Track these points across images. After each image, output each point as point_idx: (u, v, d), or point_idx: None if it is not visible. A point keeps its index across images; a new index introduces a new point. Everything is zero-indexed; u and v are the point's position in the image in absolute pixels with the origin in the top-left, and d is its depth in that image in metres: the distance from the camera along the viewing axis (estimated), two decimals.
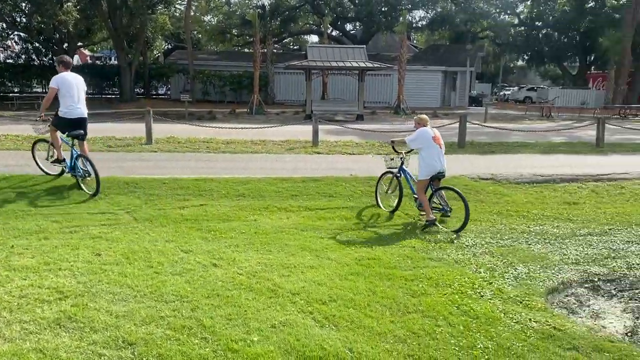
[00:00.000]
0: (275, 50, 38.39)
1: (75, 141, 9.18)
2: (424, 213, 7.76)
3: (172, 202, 8.61)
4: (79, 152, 9.10)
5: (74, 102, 9.01)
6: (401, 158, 8.38)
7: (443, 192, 7.83)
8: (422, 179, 7.73)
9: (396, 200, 8.35)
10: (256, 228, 7.28)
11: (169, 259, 5.82)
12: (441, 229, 7.48)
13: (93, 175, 8.83)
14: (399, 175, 8.37)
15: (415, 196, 7.99)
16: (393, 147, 8.51)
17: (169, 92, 40.24)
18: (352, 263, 5.97)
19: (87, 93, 9.72)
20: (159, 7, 33.91)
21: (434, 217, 7.56)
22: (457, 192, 7.65)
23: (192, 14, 37.98)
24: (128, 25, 32.99)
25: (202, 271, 5.48)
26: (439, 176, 7.72)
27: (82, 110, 9.16)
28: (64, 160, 9.32)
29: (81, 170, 9.03)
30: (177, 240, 6.56)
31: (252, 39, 34.05)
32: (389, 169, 8.62)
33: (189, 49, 34.18)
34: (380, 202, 8.73)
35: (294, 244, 6.57)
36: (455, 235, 7.21)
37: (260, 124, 19.08)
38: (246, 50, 45.87)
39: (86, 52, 58.82)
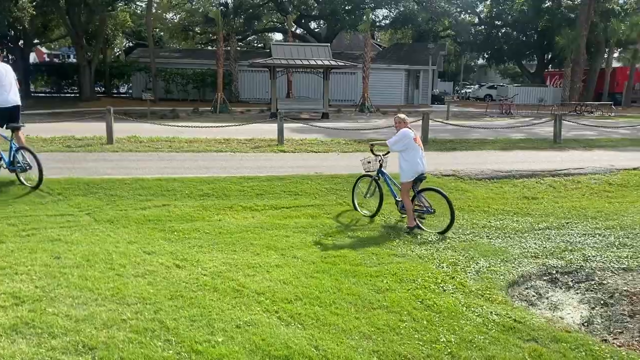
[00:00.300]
0: (239, 48, 38.10)
1: (13, 133, 8.98)
2: (406, 216, 7.58)
3: (134, 203, 8.45)
4: (17, 145, 8.91)
5: (6, 92, 8.88)
6: (379, 161, 8.05)
7: (424, 193, 7.57)
8: (405, 182, 7.44)
9: (376, 205, 8.06)
10: (220, 228, 7.22)
11: (131, 260, 5.72)
12: (427, 231, 7.32)
13: (35, 166, 8.67)
14: (377, 178, 8.11)
15: (398, 199, 7.72)
16: (372, 151, 8.14)
17: (130, 91, 39.45)
18: (317, 261, 5.99)
19: (45, 92, 9.51)
20: (119, 3, 33.19)
21: (415, 224, 7.38)
22: (441, 193, 7.42)
23: (153, 11, 37.31)
24: (87, 22, 32.17)
25: (165, 272, 5.40)
26: (421, 178, 7.46)
27: (16, 99, 9.07)
28: (1, 159, 9.09)
29: (21, 163, 8.86)
30: (140, 242, 6.46)
31: (215, 37, 33.65)
32: (366, 172, 8.31)
33: (151, 47, 33.55)
34: (358, 207, 8.41)
35: (259, 243, 6.55)
36: (441, 237, 7.08)
37: (225, 122, 18.88)
38: (209, 47, 45.37)
39: (43, 49, 57.08)
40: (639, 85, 39.99)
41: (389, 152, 8.01)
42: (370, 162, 8.20)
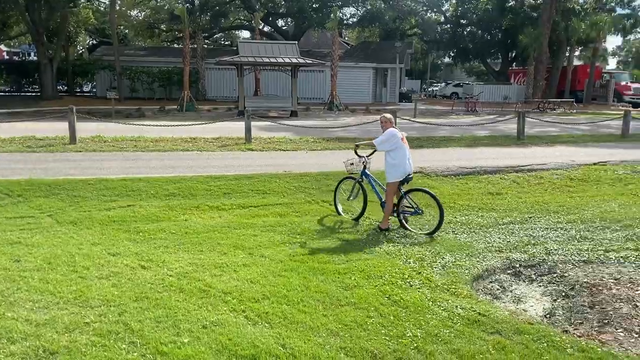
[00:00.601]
0: (205, 46, 37.65)
1: None
2: (392, 217, 7.42)
3: (98, 204, 8.29)
4: None
5: None
6: (363, 162, 7.79)
7: (411, 194, 7.38)
8: (391, 182, 7.24)
9: (360, 207, 7.78)
10: (187, 228, 7.13)
11: (94, 262, 5.61)
12: (414, 232, 7.24)
13: None
14: (361, 180, 7.85)
15: (384, 201, 7.49)
16: (355, 152, 7.84)
17: (94, 90, 38.59)
18: (286, 259, 5.97)
19: (4, 91, 9.25)
20: (81, 0, 32.36)
21: (388, 227, 7.29)
22: (429, 193, 7.32)
23: (117, 8, 36.55)
24: (47, 19, 31.30)
25: (130, 274, 5.31)
26: (408, 179, 7.27)
27: None
28: None
29: None
30: (104, 243, 6.34)
31: (181, 34, 33.19)
32: (350, 174, 8.07)
33: (115, 45, 32.84)
34: (340, 210, 8.13)
35: (227, 243, 6.49)
36: (429, 238, 6.97)
37: (191, 121, 18.67)
38: (176, 45, 44.74)
39: (2, 47, 55.33)
40: (599, 82, 41.15)
41: (372, 153, 7.84)
42: (353, 164, 7.94)
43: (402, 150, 7.23)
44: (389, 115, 7.56)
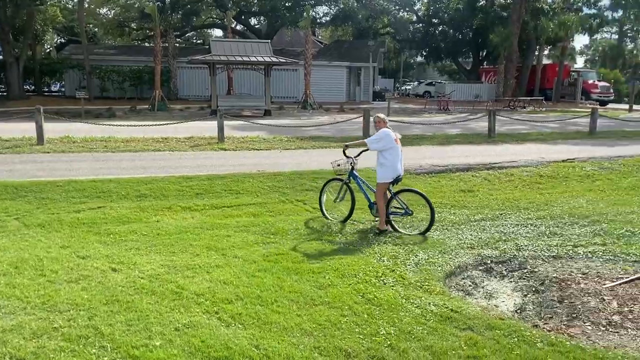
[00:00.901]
0: (177, 45, 37.24)
1: None
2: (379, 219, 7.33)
3: (67, 206, 8.12)
4: None
5: None
6: (351, 163, 7.66)
7: (401, 195, 7.31)
8: (382, 182, 7.17)
9: (347, 209, 7.67)
10: (158, 229, 7.03)
11: (63, 266, 5.49)
12: (403, 233, 7.17)
13: None
14: (348, 181, 7.75)
15: (373, 202, 7.40)
16: (344, 152, 7.68)
17: (63, 89, 37.80)
18: (259, 260, 5.94)
19: None
20: None
21: (387, 228, 7.21)
22: (420, 194, 7.32)
23: (86, 6, 35.84)
24: (13, 17, 30.54)
25: (100, 277, 5.21)
26: (398, 179, 7.21)
27: None
28: None
29: None
30: (73, 246, 6.21)
31: (152, 33, 32.77)
32: (337, 175, 7.92)
33: (84, 43, 32.23)
34: (326, 213, 7.94)
35: (199, 244, 6.43)
36: (422, 237, 6.93)
37: (163, 120, 18.43)
38: (147, 44, 44.13)
39: None
40: (568, 81, 42.03)
41: (360, 154, 7.73)
42: (340, 165, 7.81)
43: (395, 151, 7.18)
44: (382, 115, 7.50)
